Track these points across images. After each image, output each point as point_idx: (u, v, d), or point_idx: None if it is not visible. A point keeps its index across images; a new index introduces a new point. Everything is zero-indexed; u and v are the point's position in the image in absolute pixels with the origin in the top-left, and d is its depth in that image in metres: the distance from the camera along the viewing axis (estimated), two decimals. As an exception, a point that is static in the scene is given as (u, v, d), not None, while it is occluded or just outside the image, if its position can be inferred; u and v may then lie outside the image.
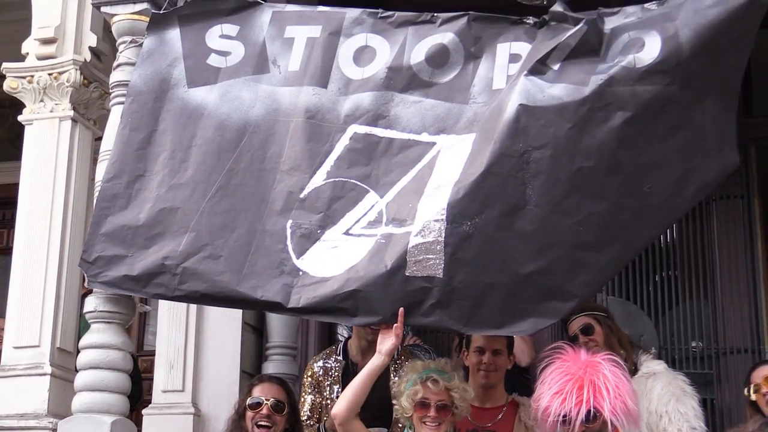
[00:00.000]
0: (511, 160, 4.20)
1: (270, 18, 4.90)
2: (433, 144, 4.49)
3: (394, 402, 4.45)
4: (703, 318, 7.25)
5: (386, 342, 4.26)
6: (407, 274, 4.21)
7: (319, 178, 4.54)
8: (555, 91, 4.26)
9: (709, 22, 4.22)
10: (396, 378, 4.79)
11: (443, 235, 4.18)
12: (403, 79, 4.64)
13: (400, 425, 4.54)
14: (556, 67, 4.33)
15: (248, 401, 4.57)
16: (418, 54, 4.65)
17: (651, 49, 4.28)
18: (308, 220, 4.46)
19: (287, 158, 4.59)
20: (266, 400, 4.53)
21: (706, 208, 7.30)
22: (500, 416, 4.63)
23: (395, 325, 4.24)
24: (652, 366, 4.92)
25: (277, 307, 4.44)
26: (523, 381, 5.28)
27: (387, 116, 4.60)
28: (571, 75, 4.30)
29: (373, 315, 4.27)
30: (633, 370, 4.81)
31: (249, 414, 4.53)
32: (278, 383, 4.68)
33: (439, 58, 4.64)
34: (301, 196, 4.52)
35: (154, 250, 4.53)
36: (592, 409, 3.91)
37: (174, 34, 4.87)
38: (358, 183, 4.51)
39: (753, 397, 4.87)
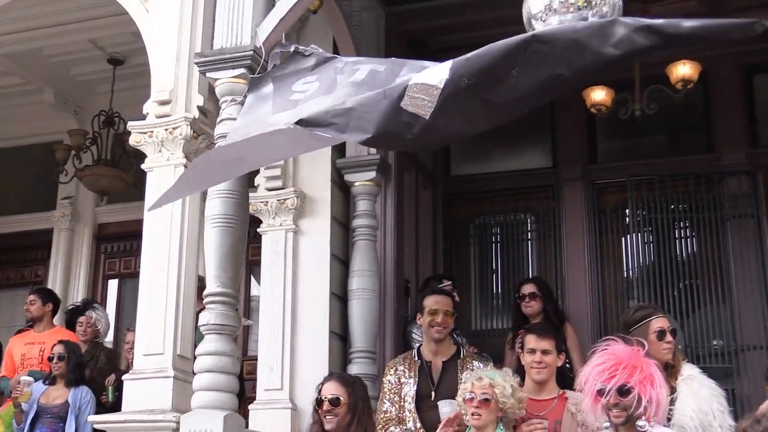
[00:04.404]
0: (516, 42, 3.97)
1: (343, 64, 4.91)
2: None
3: (457, 398, 4.57)
4: (722, 320, 7.25)
5: None
6: (401, 105, 4.02)
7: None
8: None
9: (712, 23, 3.92)
10: (462, 374, 5.03)
11: (443, 84, 3.97)
12: None
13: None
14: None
15: (315, 399, 4.68)
16: None
17: (656, 26, 3.85)
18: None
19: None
20: (325, 397, 4.60)
21: (722, 226, 7.37)
22: (551, 407, 4.68)
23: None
24: (689, 371, 4.92)
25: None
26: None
27: None
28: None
29: (362, 132, 4.11)
30: (677, 372, 4.77)
31: (318, 408, 4.59)
32: (337, 380, 4.71)
33: None
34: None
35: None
36: (625, 384, 3.86)
37: (268, 89, 5.02)
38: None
39: None
